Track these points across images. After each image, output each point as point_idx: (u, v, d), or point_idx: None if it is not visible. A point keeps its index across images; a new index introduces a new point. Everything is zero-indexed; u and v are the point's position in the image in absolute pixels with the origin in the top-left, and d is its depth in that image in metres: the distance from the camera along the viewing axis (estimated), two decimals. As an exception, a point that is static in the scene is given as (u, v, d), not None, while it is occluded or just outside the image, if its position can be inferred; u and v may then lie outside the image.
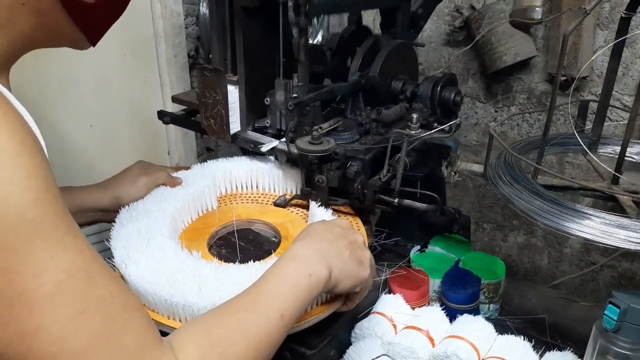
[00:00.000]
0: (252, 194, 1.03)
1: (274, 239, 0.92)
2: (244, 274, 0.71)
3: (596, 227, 0.72)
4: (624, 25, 0.86)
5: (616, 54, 0.89)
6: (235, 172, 1.01)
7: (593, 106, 1.01)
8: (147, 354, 0.46)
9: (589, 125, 0.98)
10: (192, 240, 0.86)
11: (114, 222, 0.83)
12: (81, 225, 0.89)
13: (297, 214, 0.97)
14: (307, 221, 0.93)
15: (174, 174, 0.97)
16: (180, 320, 0.69)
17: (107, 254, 0.76)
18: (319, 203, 0.90)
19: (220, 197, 1.00)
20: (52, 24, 0.53)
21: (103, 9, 0.57)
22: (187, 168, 1.02)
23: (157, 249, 0.76)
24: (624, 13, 0.85)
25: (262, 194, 1.02)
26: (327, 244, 0.66)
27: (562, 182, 0.91)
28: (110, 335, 0.44)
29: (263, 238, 0.92)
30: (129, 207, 0.87)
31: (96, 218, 0.90)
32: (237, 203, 1.00)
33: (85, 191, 0.89)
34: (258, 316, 0.56)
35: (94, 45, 0.60)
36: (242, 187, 1.03)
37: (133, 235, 0.79)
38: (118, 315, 0.45)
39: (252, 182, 1.03)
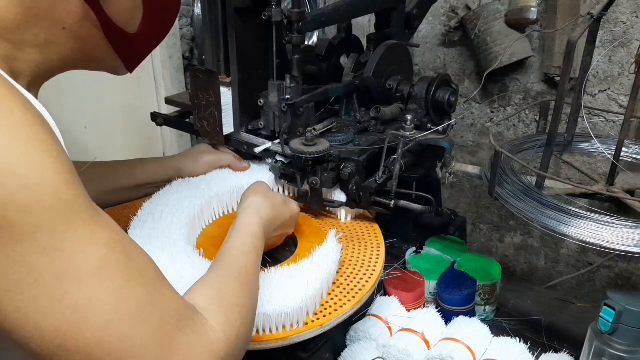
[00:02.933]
0: None
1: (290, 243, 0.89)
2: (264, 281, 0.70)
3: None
4: (595, 24, 0.87)
5: (589, 54, 0.90)
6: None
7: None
8: (185, 313, 0.49)
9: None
10: (213, 245, 0.83)
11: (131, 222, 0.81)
12: (131, 200, 0.92)
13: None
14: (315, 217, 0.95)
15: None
16: None
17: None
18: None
19: None
20: (91, 49, 0.54)
21: (144, 39, 0.59)
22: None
23: (175, 258, 0.74)
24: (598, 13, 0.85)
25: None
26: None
27: (556, 184, 0.90)
28: (154, 300, 0.46)
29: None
30: (150, 202, 0.85)
31: (151, 192, 0.90)
32: None
33: (139, 166, 0.92)
34: (251, 279, 0.61)
35: (130, 72, 0.61)
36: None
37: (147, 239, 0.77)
38: (155, 282, 0.48)
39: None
